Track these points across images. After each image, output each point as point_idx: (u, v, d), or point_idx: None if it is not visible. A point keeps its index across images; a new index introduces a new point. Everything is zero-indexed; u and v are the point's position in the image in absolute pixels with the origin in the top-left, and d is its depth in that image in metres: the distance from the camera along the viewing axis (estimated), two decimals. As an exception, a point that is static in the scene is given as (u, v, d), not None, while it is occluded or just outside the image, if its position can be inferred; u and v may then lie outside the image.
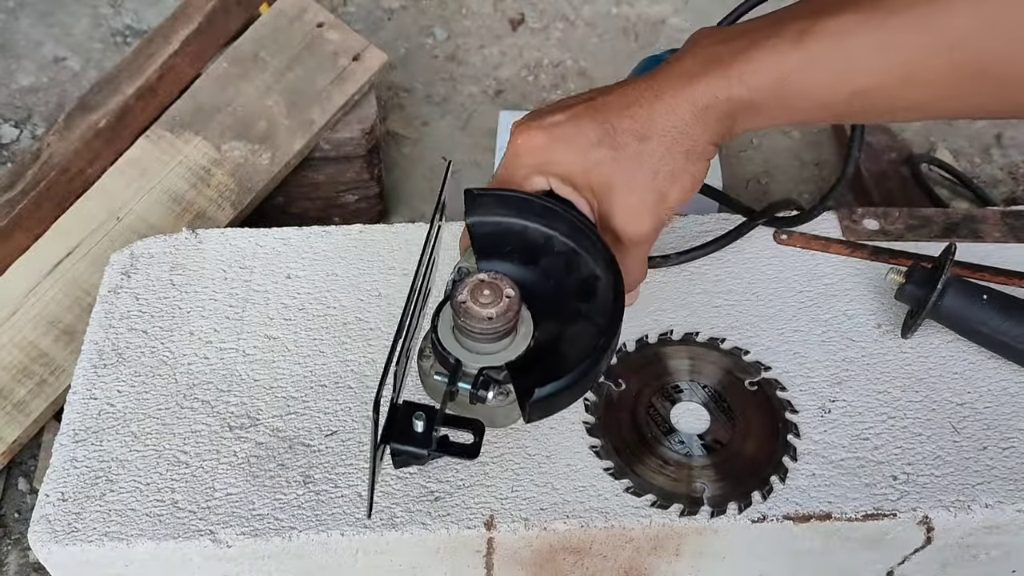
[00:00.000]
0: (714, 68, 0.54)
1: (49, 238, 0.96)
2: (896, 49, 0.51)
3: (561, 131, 0.57)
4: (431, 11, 1.44)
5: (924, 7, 0.49)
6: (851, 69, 0.52)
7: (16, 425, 0.89)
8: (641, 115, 0.56)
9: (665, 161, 0.56)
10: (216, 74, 1.06)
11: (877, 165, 1.17)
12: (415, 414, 0.53)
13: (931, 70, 0.51)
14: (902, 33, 0.50)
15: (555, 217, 0.58)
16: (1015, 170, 1.23)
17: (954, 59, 0.50)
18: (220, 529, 0.60)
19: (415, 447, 0.54)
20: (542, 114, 0.58)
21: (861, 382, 0.68)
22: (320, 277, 0.75)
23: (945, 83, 0.51)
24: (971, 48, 0.49)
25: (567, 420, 0.66)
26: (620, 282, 0.56)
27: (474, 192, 0.59)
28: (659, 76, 0.56)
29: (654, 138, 0.56)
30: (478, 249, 0.59)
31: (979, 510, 0.62)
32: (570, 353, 0.56)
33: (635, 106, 0.56)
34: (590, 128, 0.56)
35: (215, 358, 0.69)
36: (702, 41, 0.56)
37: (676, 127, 0.55)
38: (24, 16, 1.39)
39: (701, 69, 0.55)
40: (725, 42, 0.55)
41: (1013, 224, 0.79)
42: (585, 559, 0.63)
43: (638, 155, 0.56)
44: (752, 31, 0.55)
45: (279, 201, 1.10)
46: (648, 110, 0.55)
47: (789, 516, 0.61)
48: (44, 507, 0.61)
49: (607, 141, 0.56)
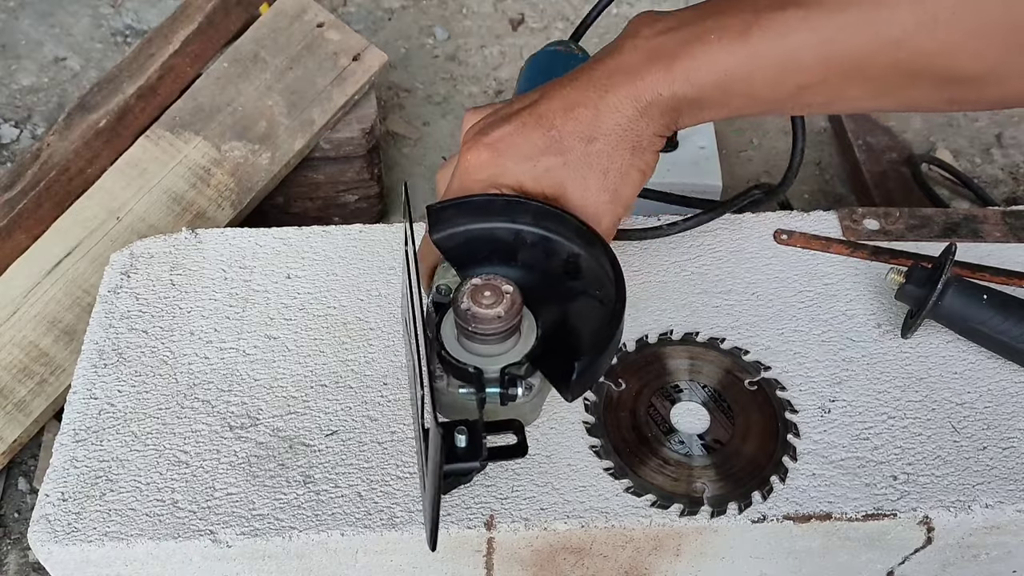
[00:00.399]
0: (657, 64, 0.54)
1: (49, 238, 0.96)
2: (840, 46, 0.51)
3: (507, 144, 0.57)
4: (431, 11, 1.44)
5: (868, 4, 0.49)
6: (795, 66, 0.52)
7: (16, 425, 0.89)
8: (585, 116, 0.56)
9: (613, 159, 0.56)
10: (216, 74, 1.06)
11: (877, 165, 1.17)
12: (456, 430, 0.52)
13: (874, 67, 0.51)
14: (847, 30, 0.50)
15: (519, 209, 0.58)
16: (1015, 170, 1.23)
17: (898, 56, 0.50)
18: (220, 529, 0.60)
19: (467, 462, 0.53)
20: (487, 128, 0.58)
21: (861, 382, 0.68)
22: (320, 277, 0.75)
23: (886, 79, 0.51)
24: (913, 45, 0.49)
25: (567, 420, 0.66)
26: (605, 245, 0.56)
27: (435, 207, 0.58)
28: (599, 72, 0.56)
29: (600, 138, 0.56)
30: (453, 261, 0.60)
31: (979, 510, 0.62)
32: (582, 327, 0.57)
33: (579, 107, 0.56)
34: (536, 136, 0.56)
35: (215, 358, 0.69)
36: (642, 31, 0.56)
37: (621, 125, 0.55)
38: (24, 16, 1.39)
39: (644, 65, 0.54)
40: (666, 33, 0.55)
41: (1013, 224, 0.79)
42: (585, 559, 0.63)
43: (586, 157, 0.56)
44: (693, 22, 0.54)
45: (279, 201, 1.10)
46: (592, 111, 0.56)
47: (789, 516, 0.61)
48: (44, 507, 0.61)
49: (554, 147, 0.56)
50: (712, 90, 0.54)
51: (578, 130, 0.56)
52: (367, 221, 1.08)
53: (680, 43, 0.54)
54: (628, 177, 0.57)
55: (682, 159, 1.09)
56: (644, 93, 0.54)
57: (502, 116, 0.58)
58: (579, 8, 1.45)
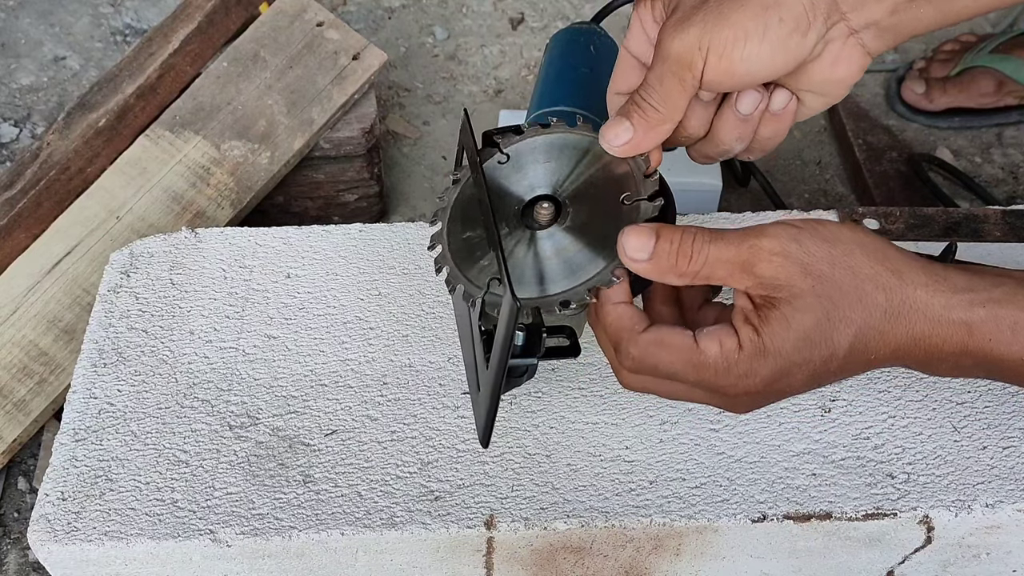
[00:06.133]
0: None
1: (49, 237, 0.96)
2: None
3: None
4: (431, 10, 1.44)
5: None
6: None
7: (16, 424, 0.89)
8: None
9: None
10: (216, 73, 1.06)
11: (878, 165, 1.17)
12: (515, 327, 0.53)
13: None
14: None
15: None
16: (1015, 170, 1.22)
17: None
18: (220, 528, 0.60)
19: (525, 358, 0.55)
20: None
21: (861, 381, 0.68)
22: (320, 276, 0.74)
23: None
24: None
25: (567, 420, 0.66)
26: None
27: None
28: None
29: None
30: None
31: (979, 510, 0.62)
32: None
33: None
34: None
35: (215, 357, 0.69)
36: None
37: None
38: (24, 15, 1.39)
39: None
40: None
41: (1014, 223, 0.79)
42: (585, 558, 0.63)
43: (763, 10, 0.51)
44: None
45: (279, 200, 1.09)
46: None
47: (789, 516, 0.61)
48: (44, 506, 0.61)
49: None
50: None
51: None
52: (367, 220, 1.07)
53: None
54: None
55: (682, 159, 1.09)
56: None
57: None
58: (579, 8, 1.45)
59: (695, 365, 0.51)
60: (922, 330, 0.51)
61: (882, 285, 0.50)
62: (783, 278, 0.50)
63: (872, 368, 0.52)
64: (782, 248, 0.50)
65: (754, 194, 1.20)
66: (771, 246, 0.50)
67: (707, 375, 0.51)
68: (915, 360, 0.52)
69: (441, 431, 0.65)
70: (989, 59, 1.21)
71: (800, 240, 0.50)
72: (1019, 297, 0.51)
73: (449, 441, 0.64)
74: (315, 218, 1.13)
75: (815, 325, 0.49)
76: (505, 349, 0.51)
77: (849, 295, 0.50)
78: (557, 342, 0.57)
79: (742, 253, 0.50)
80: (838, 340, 0.50)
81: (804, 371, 0.50)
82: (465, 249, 0.57)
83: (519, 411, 0.66)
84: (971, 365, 0.52)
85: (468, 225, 0.57)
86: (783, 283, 0.50)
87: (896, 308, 0.50)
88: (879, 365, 0.52)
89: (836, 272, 0.50)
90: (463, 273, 0.56)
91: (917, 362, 0.52)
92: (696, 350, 0.51)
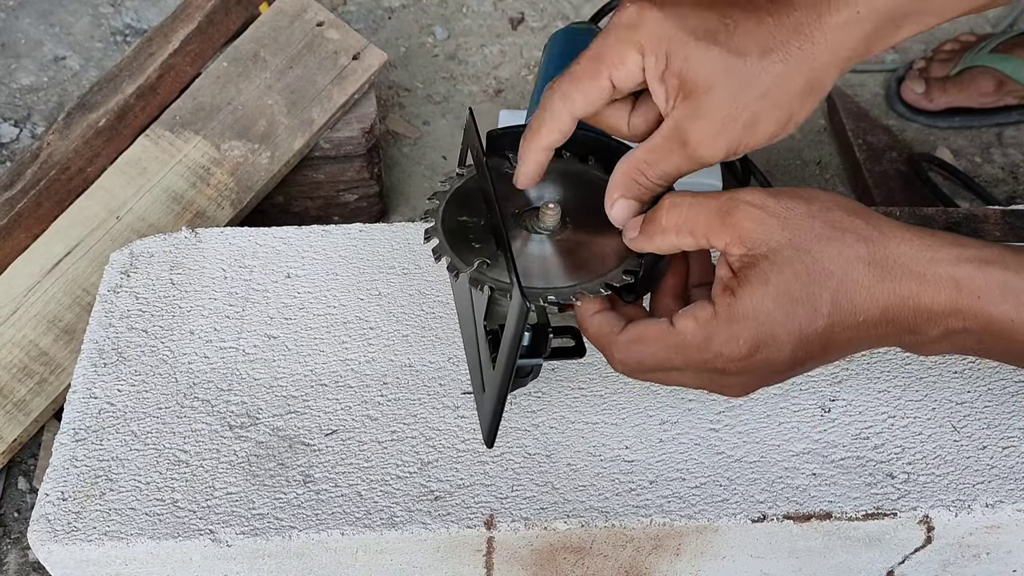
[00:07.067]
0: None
1: (49, 237, 0.96)
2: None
3: (676, 10, 0.50)
4: (432, 10, 1.44)
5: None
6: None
7: (16, 424, 0.89)
8: (768, 22, 0.49)
9: (781, 84, 0.50)
10: (216, 73, 1.06)
11: (878, 165, 1.17)
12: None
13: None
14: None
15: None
16: (1015, 169, 1.22)
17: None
18: (220, 528, 0.60)
19: (531, 358, 0.56)
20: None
21: (861, 381, 0.68)
22: (320, 276, 0.74)
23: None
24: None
25: (567, 420, 0.66)
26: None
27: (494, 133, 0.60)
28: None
29: (778, 52, 0.49)
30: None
31: (979, 509, 0.62)
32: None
33: (762, 11, 0.49)
34: (708, 15, 0.49)
35: (215, 357, 0.69)
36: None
37: (803, 49, 0.49)
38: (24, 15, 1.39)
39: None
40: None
41: (1014, 223, 0.79)
42: (585, 558, 0.63)
43: (752, 67, 0.49)
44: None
45: (279, 200, 1.09)
46: (775, 19, 0.49)
47: (789, 515, 0.61)
48: (44, 506, 0.61)
49: (722, 37, 0.49)
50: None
51: (757, 34, 0.49)
52: (367, 220, 1.07)
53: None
54: (774, 114, 0.50)
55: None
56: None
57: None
58: (579, 7, 1.45)
59: (675, 347, 0.51)
60: (909, 288, 0.49)
61: (863, 236, 0.49)
62: (760, 232, 0.49)
63: (864, 333, 0.50)
64: (760, 201, 0.50)
65: (754, 194, 1.20)
66: (749, 198, 0.50)
67: (691, 353, 0.51)
68: (905, 324, 0.50)
69: (441, 431, 0.65)
70: (989, 59, 1.21)
71: (778, 196, 0.50)
72: (1007, 258, 0.50)
73: (449, 441, 0.64)
74: (315, 218, 1.13)
75: (794, 278, 0.49)
76: (514, 348, 0.51)
77: (828, 247, 0.49)
78: (562, 342, 0.57)
79: (721, 203, 0.50)
80: (819, 294, 0.49)
81: (789, 332, 0.49)
82: (459, 230, 0.57)
83: (519, 411, 0.66)
84: (962, 329, 0.50)
85: (465, 211, 0.58)
86: (760, 237, 0.49)
87: (879, 260, 0.49)
88: (872, 334, 0.50)
89: (815, 224, 0.49)
90: (452, 249, 0.56)
91: (907, 327, 0.50)
92: (672, 332, 0.51)
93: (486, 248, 0.56)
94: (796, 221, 0.49)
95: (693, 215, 0.51)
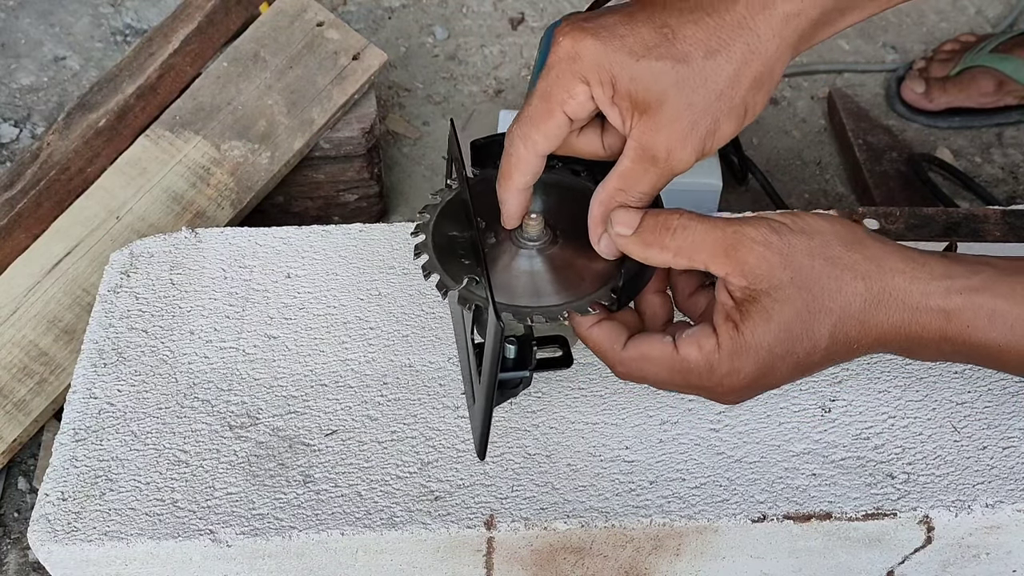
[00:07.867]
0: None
1: (49, 237, 0.96)
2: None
3: (611, 33, 0.49)
4: (432, 10, 1.44)
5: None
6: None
7: (16, 424, 0.89)
8: (709, 23, 0.48)
9: (732, 85, 0.49)
10: (216, 73, 1.06)
11: (878, 165, 1.17)
12: (506, 340, 0.53)
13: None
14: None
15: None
16: (1015, 169, 1.23)
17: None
18: (220, 528, 0.60)
19: (517, 371, 0.55)
20: (590, 16, 0.51)
21: (861, 381, 0.68)
22: (320, 276, 0.74)
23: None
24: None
25: (567, 420, 0.66)
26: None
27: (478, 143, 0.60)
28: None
29: (723, 54, 0.48)
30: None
31: (979, 510, 0.62)
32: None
33: (701, 11, 0.49)
34: (646, 31, 0.49)
35: (215, 357, 0.69)
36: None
37: (749, 44, 0.49)
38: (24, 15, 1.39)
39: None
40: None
41: (1014, 223, 0.79)
42: (585, 559, 0.63)
43: (701, 72, 0.49)
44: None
45: (279, 200, 1.09)
46: (717, 19, 0.48)
47: (789, 516, 0.61)
48: (44, 506, 0.61)
49: (665, 48, 0.48)
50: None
51: (699, 37, 0.48)
52: (367, 220, 1.07)
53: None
54: (733, 113, 0.50)
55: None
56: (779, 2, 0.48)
57: (608, 8, 0.52)
58: (579, 7, 1.45)
59: (679, 372, 0.52)
60: (901, 318, 0.51)
61: (861, 273, 0.51)
62: (763, 268, 0.50)
63: (858, 356, 0.53)
64: (764, 238, 0.51)
65: (754, 194, 1.20)
66: (754, 234, 0.51)
67: (693, 379, 0.52)
68: (898, 346, 0.53)
69: (441, 431, 0.65)
70: (989, 59, 1.21)
71: (780, 232, 0.51)
72: (997, 285, 0.52)
73: (449, 441, 0.64)
74: (315, 218, 1.13)
75: (795, 316, 0.50)
76: (494, 365, 0.51)
77: (828, 285, 0.51)
78: (549, 353, 0.57)
79: (727, 236, 0.51)
80: (818, 330, 0.51)
81: (788, 363, 0.51)
82: (448, 245, 0.57)
83: (519, 411, 0.66)
84: (951, 351, 0.53)
85: (455, 225, 0.58)
86: (763, 273, 0.50)
87: (875, 295, 0.51)
88: (864, 352, 0.53)
89: (815, 263, 0.51)
90: (442, 265, 0.56)
91: (900, 348, 0.53)
92: (677, 358, 0.52)
93: (476, 263, 0.55)
94: (798, 259, 0.51)
95: (699, 243, 0.51)
